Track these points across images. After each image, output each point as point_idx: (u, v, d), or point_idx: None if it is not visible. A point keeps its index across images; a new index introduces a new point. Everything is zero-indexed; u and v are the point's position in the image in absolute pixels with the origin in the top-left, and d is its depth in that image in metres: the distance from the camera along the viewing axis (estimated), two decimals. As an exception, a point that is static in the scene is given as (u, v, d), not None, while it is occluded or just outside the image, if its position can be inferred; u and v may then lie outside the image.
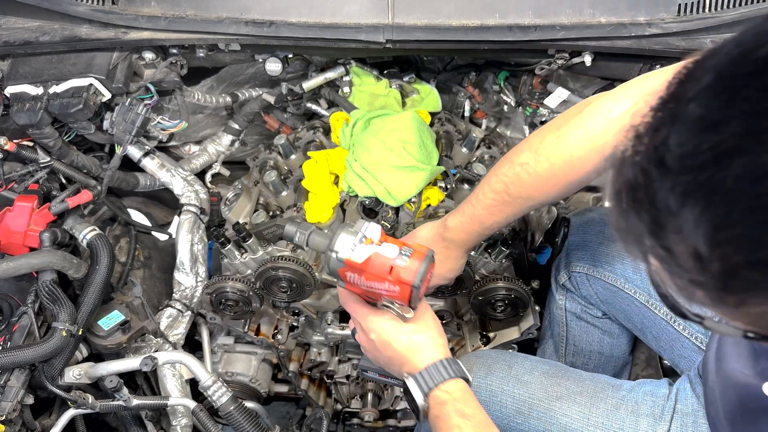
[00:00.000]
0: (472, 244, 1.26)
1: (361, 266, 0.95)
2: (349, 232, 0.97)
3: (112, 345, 1.50)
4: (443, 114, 1.76)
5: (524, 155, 1.10)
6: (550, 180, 1.09)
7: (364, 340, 1.08)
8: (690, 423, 1.13)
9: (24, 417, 1.38)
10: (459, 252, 1.27)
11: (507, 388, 1.24)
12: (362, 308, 1.06)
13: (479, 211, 1.18)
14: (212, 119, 1.85)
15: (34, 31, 1.49)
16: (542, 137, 1.09)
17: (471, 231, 1.22)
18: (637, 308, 1.40)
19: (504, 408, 1.23)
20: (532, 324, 1.58)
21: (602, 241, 1.47)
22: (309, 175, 1.56)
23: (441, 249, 1.26)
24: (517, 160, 1.11)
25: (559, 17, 1.44)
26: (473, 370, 1.27)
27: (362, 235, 0.97)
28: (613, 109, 1.01)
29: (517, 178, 1.11)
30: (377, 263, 0.95)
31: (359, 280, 0.98)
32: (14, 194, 1.51)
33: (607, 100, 1.02)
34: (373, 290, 0.99)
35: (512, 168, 1.12)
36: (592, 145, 1.03)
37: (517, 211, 1.17)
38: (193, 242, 1.67)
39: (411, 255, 0.95)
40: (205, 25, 1.46)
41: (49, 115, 1.46)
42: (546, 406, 1.20)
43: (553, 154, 1.06)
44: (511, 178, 1.12)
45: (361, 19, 1.45)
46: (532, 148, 1.10)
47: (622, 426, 1.16)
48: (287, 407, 2.08)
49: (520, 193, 1.13)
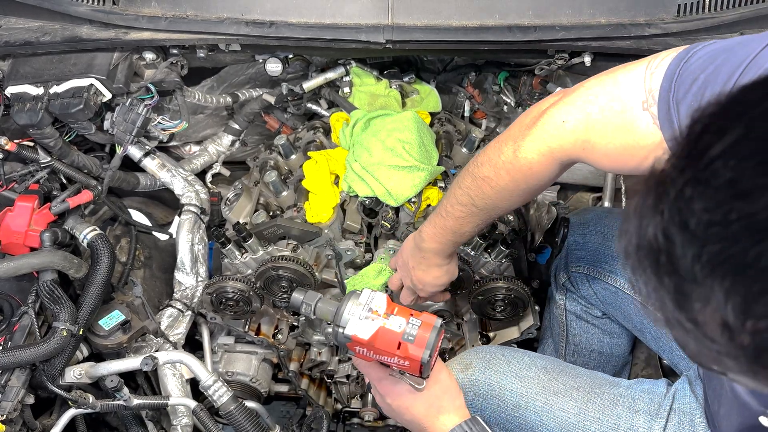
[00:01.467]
0: (448, 251, 1.28)
1: (369, 341, 0.94)
2: (355, 303, 0.96)
3: (113, 345, 1.50)
4: (443, 114, 1.76)
5: (485, 169, 1.11)
6: (514, 191, 1.11)
7: (381, 401, 1.09)
8: (687, 422, 1.14)
9: (24, 417, 1.38)
10: (438, 259, 1.28)
11: (505, 383, 1.25)
12: (376, 372, 1.06)
13: (450, 223, 1.20)
14: (213, 119, 1.85)
15: (35, 31, 1.49)
16: (500, 151, 1.09)
17: (445, 241, 1.24)
18: (637, 308, 1.40)
19: (502, 402, 1.24)
20: (531, 324, 1.58)
21: (602, 241, 1.47)
22: (309, 175, 1.56)
23: (420, 259, 1.29)
24: (478, 173, 1.13)
25: (558, 18, 1.44)
26: (472, 364, 1.28)
27: (368, 308, 0.95)
28: (567, 120, 1.00)
29: (480, 192, 1.13)
30: (385, 339, 0.94)
31: (368, 353, 0.97)
32: (15, 194, 1.51)
33: (561, 112, 1.02)
34: (382, 361, 0.98)
35: (475, 182, 1.13)
36: (550, 156, 1.04)
37: (487, 219, 1.20)
38: (193, 242, 1.67)
39: (420, 327, 0.94)
40: (206, 26, 1.46)
41: (49, 115, 1.47)
42: (543, 401, 1.22)
43: (513, 168, 1.07)
44: (475, 192, 1.14)
45: (361, 19, 1.45)
46: (491, 162, 1.10)
47: (618, 422, 1.16)
48: (287, 407, 2.08)
49: (486, 204, 1.14)
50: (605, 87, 0.99)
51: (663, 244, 0.49)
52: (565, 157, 1.03)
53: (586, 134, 0.98)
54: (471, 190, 1.14)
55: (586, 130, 0.98)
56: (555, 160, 1.04)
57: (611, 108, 0.96)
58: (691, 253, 0.47)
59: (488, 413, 1.25)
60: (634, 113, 0.93)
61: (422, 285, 1.33)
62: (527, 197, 1.16)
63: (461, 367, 1.29)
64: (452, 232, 1.21)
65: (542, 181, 1.09)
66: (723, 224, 0.46)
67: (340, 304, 0.98)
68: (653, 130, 0.91)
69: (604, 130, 0.96)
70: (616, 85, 0.97)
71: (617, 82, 0.97)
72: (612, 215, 1.52)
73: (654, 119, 0.90)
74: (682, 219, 0.48)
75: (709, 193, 0.47)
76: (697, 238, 0.47)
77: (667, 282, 0.50)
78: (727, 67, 0.80)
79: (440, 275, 1.31)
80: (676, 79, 0.87)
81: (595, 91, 0.99)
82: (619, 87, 0.96)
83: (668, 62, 0.90)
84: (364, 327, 0.94)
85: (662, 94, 0.88)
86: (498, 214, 1.21)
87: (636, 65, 0.96)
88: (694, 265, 0.47)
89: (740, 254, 0.45)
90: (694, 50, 0.88)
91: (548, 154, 1.04)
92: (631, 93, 0.93)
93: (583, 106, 0.99)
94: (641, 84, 0.92)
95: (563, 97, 1.04)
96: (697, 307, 0.49)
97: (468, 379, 1.27)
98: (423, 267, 1.30)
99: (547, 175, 1.08)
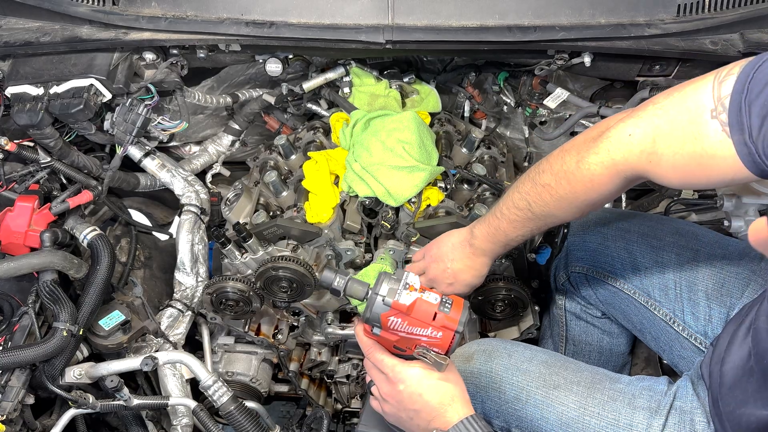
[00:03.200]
0: (497, 253, 1.29)
1: (408, 309, 1.00)
2: (391, 279, 1.04)
3: (113, 345, 1.50)
4: (443, 114, 1.77)
5: (545, 176, 1.13)
6: (573, 202, 1.12)
7: (388, 392, 1.09)
8: (687, 420, 1.14)
9: (24, 417, 1.38)
10: (484, 260, 1.30)
11: (506, 375, 1.25)
12: (390, 358, 1.07)
13: (504, 225, 1.21)
14: (213, 119, 1.86)
15: (35, 31, 1.49)
16: (563, 160, 1.10)
17: (497, 241, 1.25)
18: (637, 309, 1.40)
19: (503, 394, 1.25)
20: (531, 324, 1.58)
21: (602, 241, 1.47)
22: (309, 175, 1.57)
23: (468, 255, 1.29)
24: (539, 180, 1.14)
25: (558, 18, 1.44)
26: (474, 356, 1.29)
27: (405, 282, 1.03)
28: (633, 133, 1.00)
29: (539, 198, 1.14)
30: (422, 309, 1.01)
31: (401, 325, 1.02)
32: (15, 194, 1.51)
33: (628, 125, 1.01)
34: (411, 336, 1.02)
35: (534, 188, 1.14)
36: (614, 169, 1.04)
37: (541, 226, 1.21)
38: (193, 242, 1.67)
39: (453, 304, 1.01)
40: (206, 26, 1.46)
41: (49, 116, 1.47)
42: (544, 394, 1.22)
43: (574, 179, 1.08)
44: (534, 198, 1.15)
45: (361, 19, 1.45)
46: (553, 170, 1.11)
47: (617, 417, 1.17)
48: (287, 407, 2.08)
49: (543, 212, 1.16)
50: (673, 100, 0.98)
51: None
52: (629, 171, 1.02)
53: (653, 146, 0.98)
54: (530, 195, 1.15)
55: (653, 142, 0.98)
56: (618, 174, 1.04)
57: (679, 119, 0.95)
58: None
59: (489, 405, 1.26)
60: (702, 121, 0.92)
61: (454, 280, 1.33)
62: (585, 210, 1.15)
63: (463, 359, 1.30)
64: (505, 234, 1.22)
65: (603, 194, 1.09)
66: None
67: (377, 279, 1.04)
68: (722, 138, 0.90)
69: (671, 140, 0.96)
70: (684, 96, 0.96)
71: (685, 94, 0.96)
72: (612, 215, 1.52)
73: (723, 126, 0.90)
74: None
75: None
76: None
77: None
78: None
79: (477, 275, 1.32)
80: (749, 83, 0.87)
81: (663, 104, 0.99)
82: (687, 98, 0.95)
83: (739, 70, 0.90)
84: (404, 296, 1.01)
85: (734, 97, 0.88)
86: (553, 223, 1.21)
87: (705, 77, 0.95)
88: None
89: None
90: (766, 57, 0.88)
91: (612, 167, 1.03)
92: (700, 102, 0.93)
93: (650, 119, 0.99)
94: (710, 93, 0.92)
95: (631, 113, 1.03)
96: None
97: (470, 371, 1.28)
98: (467, 262, 1.30)
99: (608, 189, 1.07)
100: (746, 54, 1.41)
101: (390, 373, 1.07)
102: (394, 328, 1.02)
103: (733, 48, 1.42)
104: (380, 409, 1.13)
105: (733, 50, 1.42)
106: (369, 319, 1.04)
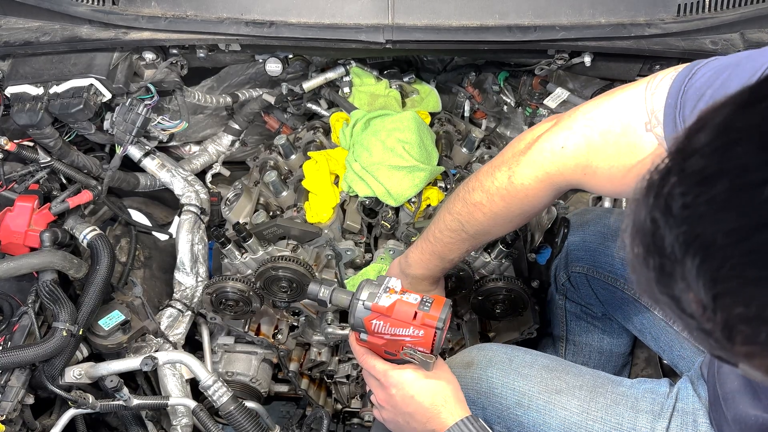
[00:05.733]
0: (435, 277, 1.28)
1: (387, 311, 1.02)
2: (372, 285, 1.05)
3: (113, 345, 1.50)
4: (443, 114, 1.76)
5: (477, 195, 1.10)
6: (507, 217, 1.10)
7: (383, 398, 1.09)
8: (690, 422, 1.14)
9: (24, 417, 1.38)
10: (425, 285, 1.27)
11: (507, 381, 1.24)
12: (382, 363, 1.07)
13: (438, 248, 1.19)
14: (212, 119, 1.86)
15: (35, 31, 1.49)
16: (493, 177, 1.08)
17: (433, 267, 1.23)
18: (637, 309, 1.40)
19: (504, 400, 1.24)
20: (531, 324, 1.58)
21: (602, 241, 1.47)
22: (309, 175, 1.56)
23: (407, 285, 1.27)
24: (470, 199, 1.11)
25: (558, 18, 1.44)
26: (474, 362, 1.28)
27: (386, 286, 1.04)
28: (566, 145, 0.99)
29: (471, 218, 1.12)
30: (402, 309, 1.02)
31: (384, 327, 1.03)
32: (15, 194, 1.51)
33: (559, 137, 1.00)
34: (396, 338, 1.03)
35: (465, 207, 1.12)
36: (548, 182, 1.03)
37: (476, 244, 1.20)
38: (193, 242, 1.67)
39: (433, 302, 1.03)
40: (206, 26, 1.46)
41: (49, 116, 1.47)
42: (546, 399, 1.21)
43: (508, 194, 1.06)
44: (466, 218, 1.13)
45: (361, 19, 1.45)
46: (484, 188, 1.09)
47: (620, 421, 1.16)
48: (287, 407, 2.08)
49: (477, 230, 1.14)
50: (603, 110, 0.97)
51: (650, 227, 0.54)
52: (563, 182, 1.02)
53: (587, 159, 0.97)
54: (461, 215, 1.13)
55: (587, 155, 0.97)
56: (552, 185, 1.03)
57: (611, 131, 0.94)
58: (672, 233, 0.52)
59: (490, 411, 1.25)
60: (637, 134, 0.92)
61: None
62: (520, 222, 1.15)
63: (463, 365, 1.29)
64: (440, 258, 1.21)
65: (537, 206, 1.09)
66: (692, 206, 0.51)
67: (358, 286, 1.06)
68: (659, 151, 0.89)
69: (605, 153, 0.95)
70: (615, 107, 0.95)
71: (615, 104, 0.96)
72: (612, 215, 1.52)
73: (660, 140, 0.89)
74: (666, 204, 0.53)
75: (685, 180, 0.52)
76: (676, 219, 0.52)
77: (652, 262, 0.55)
78: (735, 81, 0.80)
79: None
80: (681, 96, 0.86)
81: (593, 115, 0.97)
82: (618, 109, 0.95)
83: (669, 81, 0.89)
84: (383, 299, 1.03)
85: (667, 111, 0.87)
86: (488, 240, 1.22)
87: (634, 86, 0.95)
88: (674, 244, 0.52)
89: (703, 234, 0.50)
90: (696, 67, 0.87)
91: (546, 180, 1.03)
92: (632, 114, 0.92)
93: (581, 130, 0.98)
94: (642, 104, 0.91)
95: (559, 122, 1.02)
96: (679, 286, 0.53)
97: (470, 376, 1.27)
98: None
99: (542, 200, 1.07)
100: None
101: (382, 378, 1.07)
102: (378, 331, 1.03)
103: (733, 48, 1.42)
104: (380, 417, 1.13)
105: (734, 50, 1.42)
106: (354, 325, 1.05)
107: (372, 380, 1.10)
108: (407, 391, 1.05)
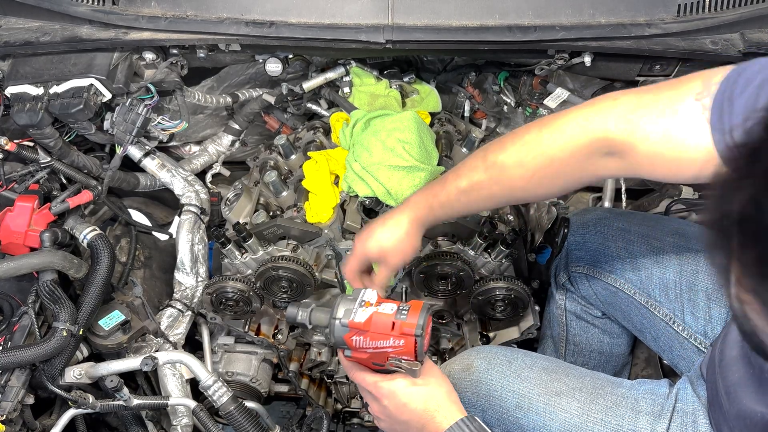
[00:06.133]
0: (429, 223, 1.22)
1: (364, 326, 1.01)
2: (348, 300, 1.04)
3: (113, 345, 1.50)
4: (443, 114, 1.76)
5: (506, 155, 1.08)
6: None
7: (377, 409, 1.09)
8: (690, 422, 1.13)
9: (24, 417, 1.38)
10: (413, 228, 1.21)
11: (507, 383, 1.24)
12: (371, 376, 1.07)
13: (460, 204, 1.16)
14: (212, 119, 1.86)
15: (35, 31, 1.49)
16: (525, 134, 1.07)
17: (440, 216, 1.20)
18: (637, 309, 1.40)
19: (504, 402, 1.23)
20: (531, 324, 1.58)
21: (602, 241, 1.47)
22: (309, 175, 1.56)
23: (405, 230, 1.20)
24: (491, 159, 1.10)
25: (558, 18, 1.44)
26: (474, 364, 1.28)
27: (361, 300, 1.03)
28: (618, 99, 0.98)
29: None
30: (379, 322, 1.01)
31: (365, 342, 1.02)
32: (15, 194, 1.51)
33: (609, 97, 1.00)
34: (379, 350, 1.02)
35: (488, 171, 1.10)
36: (593, 136, 0.99)
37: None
38: (193, 242, 1.67)
39: (409, 309, 1.01)
40: (206, 26, 1.46)
41: (49, 116, 1.47)
42: (546, 401, 1.21)
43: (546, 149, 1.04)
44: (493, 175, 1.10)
45: (361, 19, 1.45)
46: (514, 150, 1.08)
47: (621, 423, 1.16)
48: (287, 407, 2.08)
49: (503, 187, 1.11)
50: (616, 98, 0.98)
51: (752, 212, 0.49)
52: (605, 144, 0.98)
53: (631, 136, 0.95)
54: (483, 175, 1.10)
55: (632, 132, 0.95)
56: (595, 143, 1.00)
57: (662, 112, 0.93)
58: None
59: (490, 414, 1.25)
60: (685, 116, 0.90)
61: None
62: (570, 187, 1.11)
63: (462, 368, 1.29)
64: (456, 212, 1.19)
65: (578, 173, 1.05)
66: None
67: (335, 303, 1.04)
68: (705, 139, 0.88)
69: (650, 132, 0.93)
70: (672, 87, 0.94)
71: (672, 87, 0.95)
72: (612, 215, 1.52)
73: (706, 110, 0.88)
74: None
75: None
76: None
77: (749, 252, 0.50)
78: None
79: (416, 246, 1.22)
80: (732, 83, 0.86)
81: (614, 99, 0.98)
82: (675, 89, 0.94)
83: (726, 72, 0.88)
84: (359, 314, 1.02)
85: (717, 97, 0.87)
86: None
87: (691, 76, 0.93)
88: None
89: None
90: (753, 60, 0.87)
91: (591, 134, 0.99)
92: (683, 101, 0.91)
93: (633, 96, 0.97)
94: (694, 93, 0.90)
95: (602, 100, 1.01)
96: None
97: (470, 379, 1.27)
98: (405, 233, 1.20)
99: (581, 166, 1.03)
100: (746, 54, 1.41)
101: (374, 390, 1.07)
102: (360, 346, 1.03)
103: (733, 48, 1.42)
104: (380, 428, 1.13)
105: (734, 50, 1.42)
106: (336, 344, 1.05)
107: (365, 393, 1.11)
108: (399, 400, 1.05)
